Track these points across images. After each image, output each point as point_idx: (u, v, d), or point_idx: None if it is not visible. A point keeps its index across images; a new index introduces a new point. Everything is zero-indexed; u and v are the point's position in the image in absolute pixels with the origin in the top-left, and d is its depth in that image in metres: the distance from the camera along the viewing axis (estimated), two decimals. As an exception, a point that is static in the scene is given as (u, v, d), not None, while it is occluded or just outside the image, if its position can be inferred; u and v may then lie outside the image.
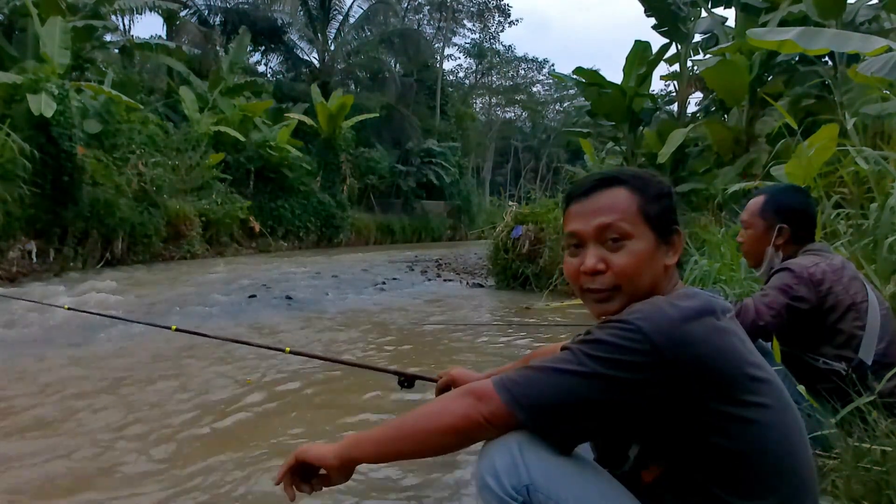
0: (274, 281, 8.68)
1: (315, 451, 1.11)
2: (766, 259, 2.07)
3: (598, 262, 1.08)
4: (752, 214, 2.10)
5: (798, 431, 1.02)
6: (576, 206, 1.13)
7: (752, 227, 2.10)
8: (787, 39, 4.26)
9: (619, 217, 1.07)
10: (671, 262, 1.11)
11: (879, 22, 6.91)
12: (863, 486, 1.46)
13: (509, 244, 8.34)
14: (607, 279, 1.08)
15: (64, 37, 11.19)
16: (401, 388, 1.88)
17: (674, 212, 1.13)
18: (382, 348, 4.63)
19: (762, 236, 2.07)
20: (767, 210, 2.06)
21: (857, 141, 3.72)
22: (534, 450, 0.97)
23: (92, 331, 4.95)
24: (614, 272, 1.08)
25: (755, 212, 2.09)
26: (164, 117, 15.48)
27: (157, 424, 2.81)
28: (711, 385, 0.94)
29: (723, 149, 8.11)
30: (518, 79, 43.85)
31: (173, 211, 12.47)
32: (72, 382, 3.53)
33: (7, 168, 8.85)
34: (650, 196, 1.10)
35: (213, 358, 4.15)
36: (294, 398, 3.28)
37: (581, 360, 0.96)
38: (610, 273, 1.08)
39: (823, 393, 1.77)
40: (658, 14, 9.13)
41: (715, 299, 1.03)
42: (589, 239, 1.10)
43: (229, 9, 23.92)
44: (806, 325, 1.87)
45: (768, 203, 2.07)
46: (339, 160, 19.61)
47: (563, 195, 1.20)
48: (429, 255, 14.57)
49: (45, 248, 9.73)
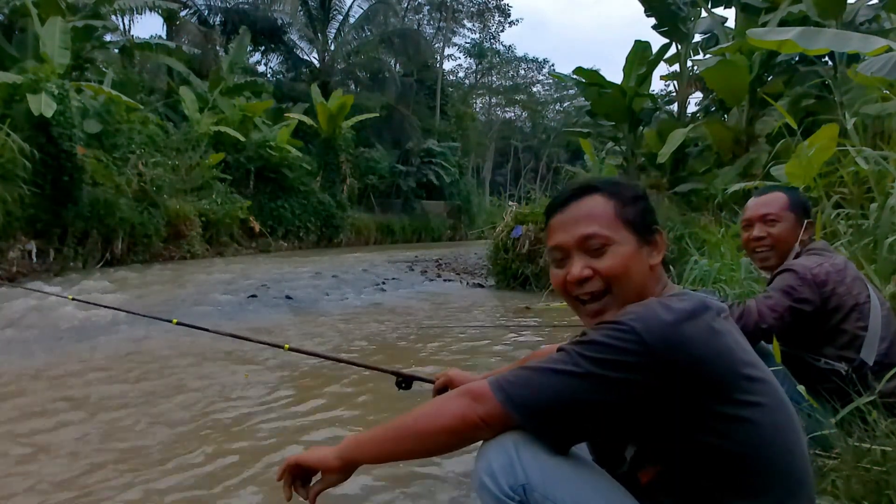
0: (274, 281, 8.67)
1: (315, 454, 1.14)
2: (792, 255, 2.00)
3: (583, 270, 1.10)
4: (781, 208, 2.01)
5: (794, 430, 1.02)
6: (556, 219, 1.16)
7: (782, 219, 2.01)
8: (787, 39, 4.25)
9: (599, 225, 1.10)
10: (655, 262, 1.12)
11: (879, 22, 6.91)
12: (863, 486, 1.45)
13: (509, 244, 8.34)
14: (596, 284, 1.10)
15: (64, 37, 11.18)
16: (398, 388, 1.88)
17: (651, 212, 1.15)
18: (381, 348, 4.63)
19: (792, 230, 2.00)
20: (795, 205, 2.01)
21: (857, 141, 3.71)
22: (530, 450, 0.98)
23: (92, 331, 4.95)
24: (601, 275, 1.09)
25: (784, 205, 2.01)
26: (164, 117, 15.49)
27: (151, 419, 2.81)
28: (706, 385, 0.95)
29: (723, 149, 8.10)
30: (518, 79, 43.89)
31: (173, 211, 12.46)
32: (71, 382, 3.53)
33: (7, 168, 8.85)
34: (625, 200, 1.12)
35: (211, 355, 4.16)
36: (291, 395, 3.28)
37: (576, 361, 0.97)
38: (597, 277, 1.10)
39: (824, 393, 1.76)
40: (658, 14, 9.14)
41: (709, 300, 1.03)
42: (573, 249, 1.12)
43: (229, 9, 23.93)
44: (808, 326, 1.86)
45: (793, 198, 2.02)
46: (339, 160, 19.60)
47: (544, 211, 1.21)
48: (429, 255, 14.56)
49: (45, 248, 9.72)
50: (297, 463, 1.13)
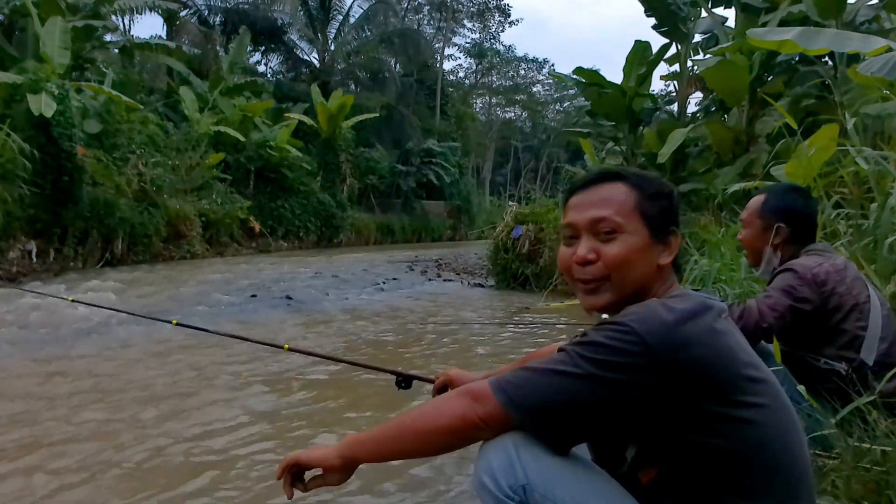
0: (274, 281, 8.67)
1: (316, 453, 1.14)
2: (765, 259, 2.06)
3: (588, 252, 1.10)
4: (751, 213, 2.09)
5: (794, 430, 1.02)
6: (575, 199, 1.15)
7: (751, 225, 2.09)
8: (787, 39, 4.26)
9: (613, 211, 1.09)
10: (665, 263, 1.11)
11: (879, 22, 6.91)
12: (863, 486, 1.45)
13: (509, 244, 8.33)
14: (597, 269, 1.09)
15: (64, 37, 11.18)
16: (398, 388, 1.88)
17: (673, 213, 1.14)
18: (381, 348, 4.63)
19: (760, 235, 2.06)
20: (766, 210, 2.05)
21: (857, 141, 3.71)
22: (530, 450, 0.98)
23: (92, 331, 4.94)
24: (604, 262, 1.09)
25: (754, 211, 2.09)
26: (164, 117, 15.48)
27: (148, 421, 2.81)
28: (706, 386, 0.94)
29: (723, 149, 8.11)
30: (518, 79, 43.85)
31: (173, 211, 12.46)
32: (70, 381, 3.52)
33: (7, 168, 8.86)
34: (648, 194, 1.11)
35: (210, 355, 4.16)
36: (290, 395, 3.28)
37: (576, 362, 0.97)
38: (600, 263, 1.09)
39: (824, 393, 1.76)
40: (658, 14, 9.14)
41: (709, 300, 1.03)
42: (583, 230, 1.12)
43: (229, 9, 23.92)
44: (809, 326, 1.87)
45: (767, 202, 2.06)
46: (339, 160, 19.59)
47: (565, 190, 1.22)
48: (429, 255, 14.56)
49: (45, 248, 9.73)
50: (298, 461, 1.13)
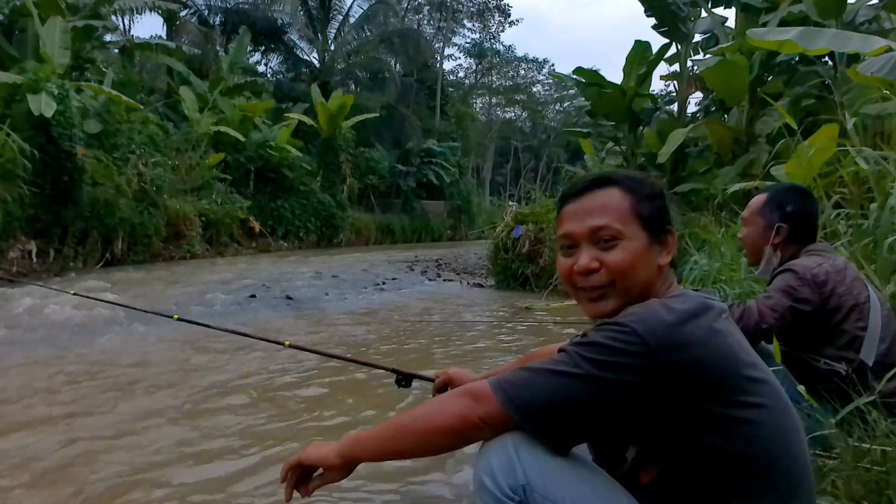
0: (274, 281, 8.67)
1: (316, 452, 1.14)
2: (765, 258, 2.07)
3: (591, 261, 1.09)
4: (752, 212, 2.10)
5: (795, 430, 1.02)
6: (569, 207, 1.14)
7: (751, 224, 2.10)
8: (787, 39, 4.26)
9: (611, 218, 1.08)
10: (664, 262, 1.11)
11: (879, 22, 6.91)
12: (863, 486, 1.45)
13: (509, 244, 8.33)
14: (601, 277, 1.09)
15: (64, 37, 11.19)
16: (398, 386, 1.88)
17: (667, 212, 1.13)
18: (381, 347, 4.63)
19: (760, 235, 2.07)
20: (767, 209, 2.06)
21: (857, 141, 3.71)
22: (530, 450, 0.98)
23: (92, 331, 4.94)
24: (608, 269, 1.08)
25: (755, 210, 2.09)
26: (164, 117, 15.49)
27: (151, 417, 2.81)
28: (707, 387, 0.94)
29: (723, 149, 8.11)
30: (518, 79, 43.85)
31: (173, 211, 12.47)
32: (69, 381, 3.52)
33: (7, 168, 8.86)
34: (642, 196, 1.10)
35: (211, 352, 4.16)
36: (291, 393, 3.28)
37: (576, 363, 0.97)
38: (604, 271, 1.08)
39: (823, 393, 1.76)
40: (658, 14, 9.14)
41: (710, 300, 1.03)
42: (582, 239, 1.10)
43: (229, 9, 23.94)
44: (808, 327, 1.87)
45: (769, 201, 2.06)
46: (339, 160, 19.60)
47: (558, 198, 1.21)
48: (429, 255, 14.55)
49: (45, 248, 9.73)
50: (300, 462, 1.14)
